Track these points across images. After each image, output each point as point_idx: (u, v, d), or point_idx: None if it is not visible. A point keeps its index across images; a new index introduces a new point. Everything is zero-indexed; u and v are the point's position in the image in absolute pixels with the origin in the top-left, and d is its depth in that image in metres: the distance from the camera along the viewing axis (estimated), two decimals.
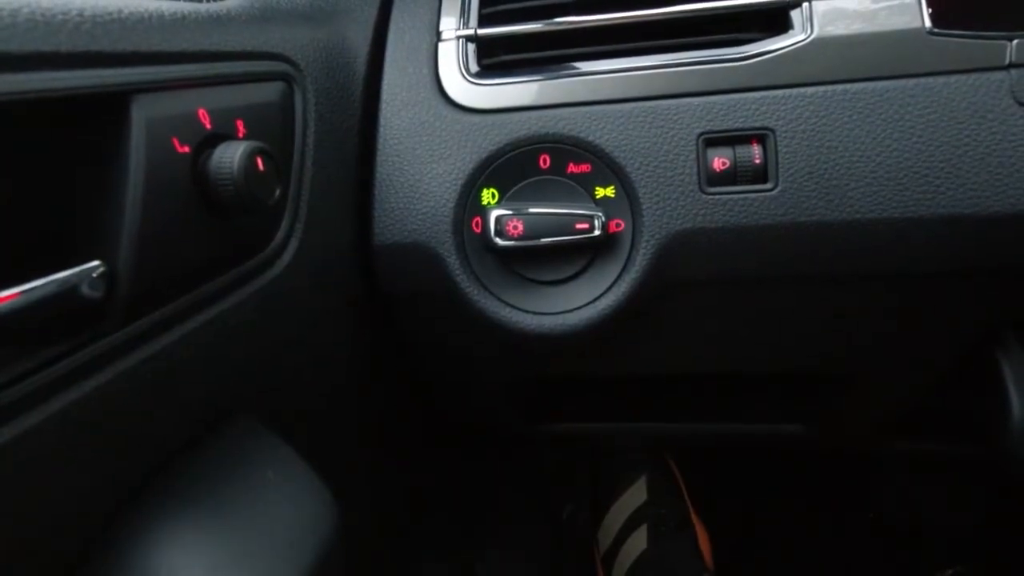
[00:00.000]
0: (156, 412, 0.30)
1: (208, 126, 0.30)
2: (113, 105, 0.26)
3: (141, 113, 0.27)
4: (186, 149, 0.29)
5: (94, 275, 0.25)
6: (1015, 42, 0.40)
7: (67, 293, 0.24)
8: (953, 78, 0.40)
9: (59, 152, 0.25)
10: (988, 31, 0.40)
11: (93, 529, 0.29)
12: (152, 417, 0.30)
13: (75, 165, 0.26)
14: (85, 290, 0.25)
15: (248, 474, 0.35)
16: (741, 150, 0.42)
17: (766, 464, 0.96)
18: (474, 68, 0.47)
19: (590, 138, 0.44)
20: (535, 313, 0.46)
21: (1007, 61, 0.40)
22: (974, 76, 0.40)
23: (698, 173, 0.43)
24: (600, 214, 0.43)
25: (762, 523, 0.93)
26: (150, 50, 0.28)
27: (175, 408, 0.32)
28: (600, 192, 0.45)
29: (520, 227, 0.43)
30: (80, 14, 0.25)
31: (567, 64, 0.46)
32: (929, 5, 0.41)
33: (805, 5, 0.43)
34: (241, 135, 0.33)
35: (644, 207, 0.44)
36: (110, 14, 0.27)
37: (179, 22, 0.31)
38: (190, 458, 0.33)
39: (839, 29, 0.42)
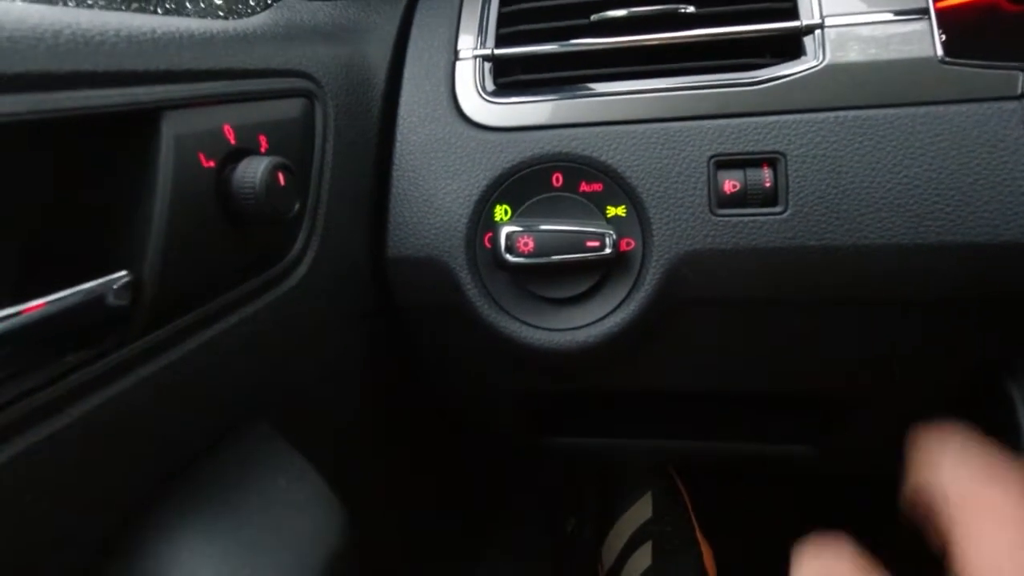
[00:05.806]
0: (174, 418, 0.31)
1: (233, 141, 0.31)
2: (144, 121, 0.27)
3: (170, 129, 0.28)
4: (211, 164, 0.30)
5: (120, 284, 0.26)
6: None
7: (93, 302, 0.25)
8: (964, 107, 0.41)
9: (90, 166, 0.26)
10: (1000, 61, 0.41)
11: (111, 530, 0.30)
12: (170, 423, 0.31)
13: (105, 178, 0.27)
14: (111, 299, 0.25)
15: (260, 481, 0.35)
16: (752, 173, 0.43)
17: (773, 482, 0.96)
18: (490, 87, 0.48)
19: (603, 158, 0.45)
20: (545, 329, 0.46)
21: (1019, 91, 0.40)
22: (985, 105, 0.40)
23: (709, 195, 0.43)
24: (611, 232, 0.43)
25: (768, 542, 0.92)
26: (180, 68, 0.29)
27: (192, 414, 0.33)
28: (612, 211, 0.45)
29: (531, 244, 0.43)
30: (116, 33, 0.26)
31: (582, 85, 0.47)
32: (942, 34, 0.42)
33: (818, 32, 0.43)
34: (264, 150, 0.34)
35: (655, 227, 0.44)
36: (144, 33, 0.28)
37: (207, 41, 0.32)
38: (205, 464, 0.34)
39: (851, 56, 0.42)
